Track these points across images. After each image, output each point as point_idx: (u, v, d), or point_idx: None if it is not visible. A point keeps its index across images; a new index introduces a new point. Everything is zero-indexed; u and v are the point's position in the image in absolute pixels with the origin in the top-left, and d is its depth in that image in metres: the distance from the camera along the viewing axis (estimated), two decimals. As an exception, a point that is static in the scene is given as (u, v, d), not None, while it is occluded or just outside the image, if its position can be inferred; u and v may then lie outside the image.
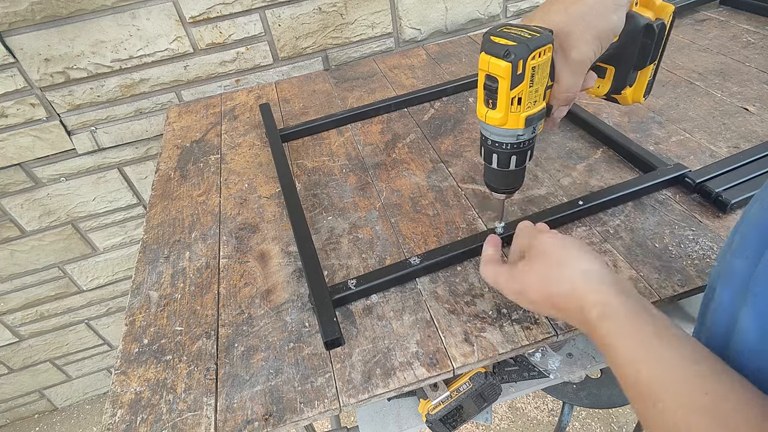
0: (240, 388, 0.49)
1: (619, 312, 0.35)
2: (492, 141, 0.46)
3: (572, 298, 0.39)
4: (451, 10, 1.12)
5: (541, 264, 0.42)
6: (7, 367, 1.42)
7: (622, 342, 0.34)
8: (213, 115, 0.99)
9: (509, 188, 0.51)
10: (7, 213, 1.11)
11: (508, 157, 0.47)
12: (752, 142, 0.68)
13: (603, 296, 0.37)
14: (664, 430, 0.30)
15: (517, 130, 0.44)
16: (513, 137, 0.45)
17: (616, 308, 0.36)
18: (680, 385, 0.30)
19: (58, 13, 0.89)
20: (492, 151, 0.47)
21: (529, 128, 0.44)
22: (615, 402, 0.83)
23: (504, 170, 0.48)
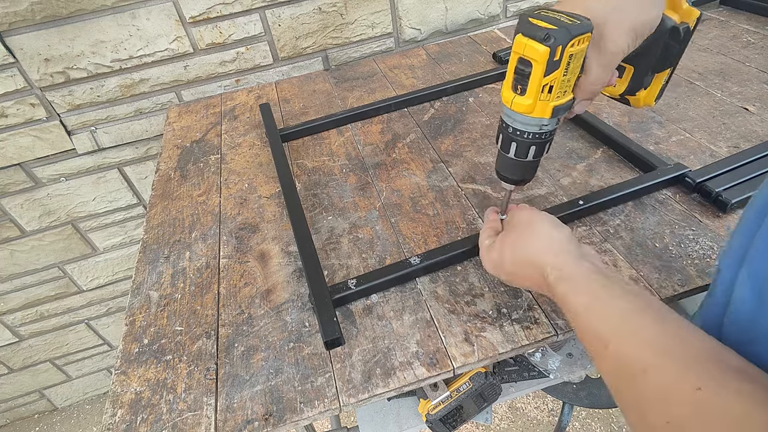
0: (240, 387, 0.49)
1: (574, 273, 0.39)
2: (514, 129, 0.45)
3: (536, 263, 0.43)
4: (451, 10, 1.12)
5: (514, 235, 0.46)
6: (7, 367, 1.42)
7: (577, 298, 0.38)
8: (213, 115, 0.99)
9: (521, 179, 0.50)
10: (7, 213, 1.11)
11: (528, 147, 0.45)
12: (752, 141, 0.68)
13: (561, 260, 0.41)
14: (616, 368, 0.33)
15: (543, 120, 0.43)
16: (537, 127, 0.44)
17: (572, 270, 0.40)
18: (628, 325, 0.33)
19: (58, 13, 0.89)
20: (512, 139, 0.46)
21: (554, 119, 0.43)
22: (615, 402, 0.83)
23: (520, 160, 0.47)
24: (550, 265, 0.41)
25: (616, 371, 0.33)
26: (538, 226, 0.45)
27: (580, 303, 0.37)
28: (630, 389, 0.31)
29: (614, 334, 0.33)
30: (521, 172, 0.49)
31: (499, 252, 0.47)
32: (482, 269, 0.57)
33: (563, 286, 0.39)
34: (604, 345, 0.33)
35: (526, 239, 0.45)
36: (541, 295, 0.53)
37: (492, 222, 0.53)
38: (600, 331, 0.34)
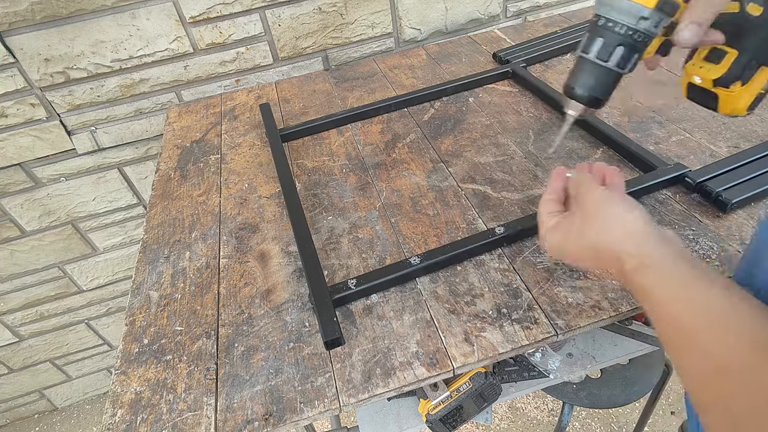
0: (240, 387, 0.49)
1: (658, 261, 0.35)
2: (606, 19, 0.40)
3: (612, 251, 0.38)
4: (451, 10, 1.12)
5: (582, 216, 0.42)
6: (7, 367, 1.42)
7: (661, 289, 0.34)
8: (213, 115, 0.99)
9: (593, 96, 0.44)
10: (7, 213, 1.11)
11: (614, 46, 0.40)
12: (752, 141, 0.68)
13: (642, 248, 0.36)
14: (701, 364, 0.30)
15: (644, 10, 0.38)
16: (635, 18, 0.39)
17: (655, 258, 0.35)
18: (720, 320, 0.30)
19: (58, 13, 0.89)
20: (599, 34, 0.40)
21: (656, 15, 0.38)
22: (615, 402, 0.83)
23: (600, 64, 0.41)
24: (628, 253, 0.37)
25: (700, 367, 0.30)
26: (611, 208, 0.40)
27: (664, 293, 0.34)
28: (717, 387, 0.29)
29: (704, 328, 0.31)
30: (596, 82, 0.42)
31: (563, 235, 0.43)
32: (482, 268, 0.57)
33: (645, 276, 0.35)
34: (690, 339, 0.31)
35: (597, 224, 0.40)
36: (541, 295, 0.53)
37: (556, 191, 0.48)
38: (686, 324, 0.32)
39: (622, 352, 0.69)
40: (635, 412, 1.41)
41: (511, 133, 0.78)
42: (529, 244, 0.59)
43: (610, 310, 0.50)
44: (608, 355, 0.69)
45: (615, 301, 0.51)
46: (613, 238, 0.38)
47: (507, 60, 0.95)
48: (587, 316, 0.50)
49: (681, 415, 1.39)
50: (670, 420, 1.38)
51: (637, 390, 0.85)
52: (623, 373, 0.86)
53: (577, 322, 0.50)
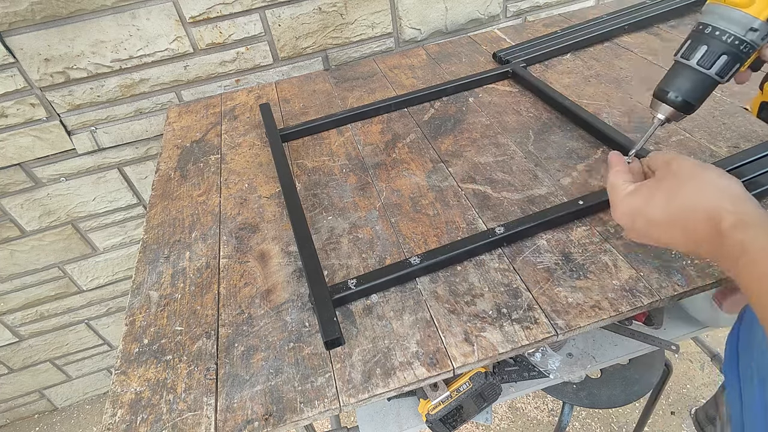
0: (240, 387, 0.49)
1: (760, 222, 0.33)
2: (713, 28, 0.39)
3: (702, 210, 0.37)
4: (451, 10, 1.12)
5: (672, 182, 0.40)
6: (7, 367, 1.42)
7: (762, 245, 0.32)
8: (213, 115, 0.99)
9: (686, 100, 0.43)
10: (7, 213, 1.11)
11: (719, 54, 0.39)
12: (752, 142, 0.68)
13: (741, 207, 0.35)
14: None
15: (755, 21, 0.38)
16: (743, 29, 0.38)
17: (755, 218, 0.34)
18: None
19: (58, 13, 0.89)
20: (703, 41, 0.40)
21: (765, 27, 0.38)
22: (615, 402, 0.83)
23: (701, 71, 0.41)
24: (726, 210, 0.35)
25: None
26: (706, 174, 0.39)
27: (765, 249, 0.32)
28: None
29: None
30: (692, 88, 0.42)
31: (646, 198, 0.41)
32: (482, 268, 0.57)
33: (745, 231, 0.33)
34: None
35: (690, 187, 0.38)
36: (541, 295, 0.53)
37: (621, 165, 0.46)
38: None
39: (622, 352, 0.69)
40: (635, 412, 1.41)
41: (511, 133, 0.78)
42: (529, 244, 0.59)
43: (610, 310, 0.50)
44: (608, 355, 0.69)
45: (615, 301, 0.51)
46: (710, 197, 0.37)
47: (507, 60, 0.95)
48: (587, 316, 0.50)
49: (681, 415, 1.39)
50: (670, 420, 1.38)
51: (637, 390, 0.85)
52: (623, 373, 0.86)
53: (577, 322, 0.50)
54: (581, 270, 0.55)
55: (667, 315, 0.72)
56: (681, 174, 0.40)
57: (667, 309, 0.73)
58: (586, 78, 0.89)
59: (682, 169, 0.40)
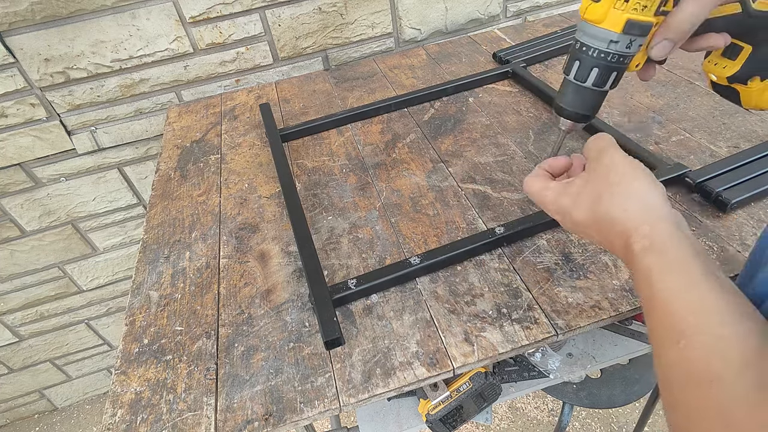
0: (240, 387, 0.49)
1: (668, 248, 0.33)
2: (581, 44, 0.42)
3: (620, 224, 0.36)
4: (451, 10, 1.12)
5: (599, 182, 0.39)
6: (7, 367, 1.42)
7: (664, 277, 0.32)
8: (213, 115, 0.99)
9: (577, 112, 0.45)
10: (7, 213, 1.11)
11: (590, 68, 0.42)
12: (752, 141, 0.68)
13: (654, 230, 0.34)
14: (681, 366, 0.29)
15: (612, 34, 0.40)
16: (604, 42, 0.40)
17: (666, 244, 0.33)
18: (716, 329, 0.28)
19: (58, 13, 0.89)
20: (576, 57, 0.43)
21: (625, 38, 0.40)
22: (615, 402, 0.83)
23: (579, 84, 0.44)
24: (640, 234, 0.35)
25: (679, 368, 0.29)
26: (634, 182, 0.38)
27: (666, 284, 0.32)
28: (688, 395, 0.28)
29: (696, 332, 0.29)
30: (579, 101, 0.44)
31: (573, 199, 0.40)
32: (482, 268, 0.57)
33: (651, 259, 0.33)
34: (677, 339, 0.29)
35: (615, 195, 0.37)
36: (541, 295, 0.53)
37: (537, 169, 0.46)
38: (680, 322, 0.30)
39: (622, 352, 0.69)
40: (635, 412, 1.41)
41: (511, 133, 0.78)
42: (529, 244, 0.59)
43: (610, 310, 0.50)
44: (608, 355, 0.69)
45: (615, 301, 0.51)
46: (629, 214, 0.36)
47: (507, 60, 0.95)
48: (587, 316, 0.50)
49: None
50: (670, 420, 1.37)
51: (637, 390, 0.85)
52: (623, 373, 0.86)
53: (577, 322, 0.50)
54: (581, 270, 0.55)
55: (667, 315, 0.72)
56: (609, 176, 0.39)
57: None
58: (586, 78, 0.89)
59: (612, 169, 0.39)
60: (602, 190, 0.38)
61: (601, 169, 0.39)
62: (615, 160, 0.39)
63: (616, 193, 0.37)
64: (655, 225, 0.35)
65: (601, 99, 0.45)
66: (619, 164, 0.39)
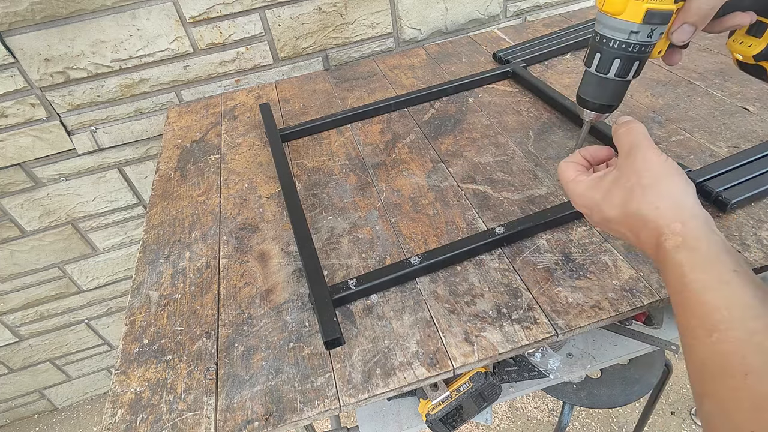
0: (240, 387, 0.49)
1: (701, 246, 0.34)
2: (600, 36, 0.42)
3: (652, 222, 0.36)
4: (451, 10, 1.12)
5: (631, 180, 0.39)
6: (7, 367, 1.42)
7: (696, 274, 0.33)
8: (213, 115, 0.99)
9: (601, 103, 0.45)
10: (7, 213, 1.11)
11: (611, 60, 0.42)
12: (752, 141, 0.68)
13: (686, 227, 0.35)
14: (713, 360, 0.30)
15: (633, 25, 0.39)
16: (625, 33, 0.40)
17: (699, 242, 0.34)
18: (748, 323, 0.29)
19: (58, 13, 0.89)
20: (597, 49, 0.42)
21: (646, 27, 0.39)
22: (615, 402, 0.83)
23: (602, 76, 0.43)
24: (672, 231, 0.35)
25: (712, 361, 0.30)
26: (666, 181, 0.38)
27: (699, 279, 0.32)
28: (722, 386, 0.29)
29: (729, 327, 0.30)
30: (601, 92, 0.44)
31: (604, 195, 0.40)
32: (482, 268, 0.57)
33: (683, 256, 0.34)
34: (710, 333, 0.30)
35: (647, 194, 0.37)
36: (541, 295, 0.53)
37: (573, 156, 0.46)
38: (712, 317, 0.31)
39: (622, 352, 0.69)
40: (635, 412, 1.41)
41: (511, 133, 0.78)
42: (529, 244, 0.59)
43: (610, 310, 0.50)
44: (608, 355, 0.69)
45: (615, 301, 0.51)
46: (662, 212, 0.36)
47: (507, 60, 0.95)
48: (587, 316, 0.50)
49: (681, 415, 1.39)
50: (670, 420, 1.38)
51: (637, 390, 0.85)
52: (623, 373, 0.86)
53: (577, 322, 0.50)
54: (581, 270, 0.55)
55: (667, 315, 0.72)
56: (642, 174, 0.38)
57: (667, 309, 0.73)
58: (586, 78, 0.89)
59: (645, 168, 0.39)
60: (635, 187, 0.38)
61: (634, 166, 0.39)
62: (648, 158, 0.39)
63: (649, 192, 0.37)
64: (687, 223, 0.35)
65: (624, 88, 0.45)
66: (653, 163, 0.39)
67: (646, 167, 0.38)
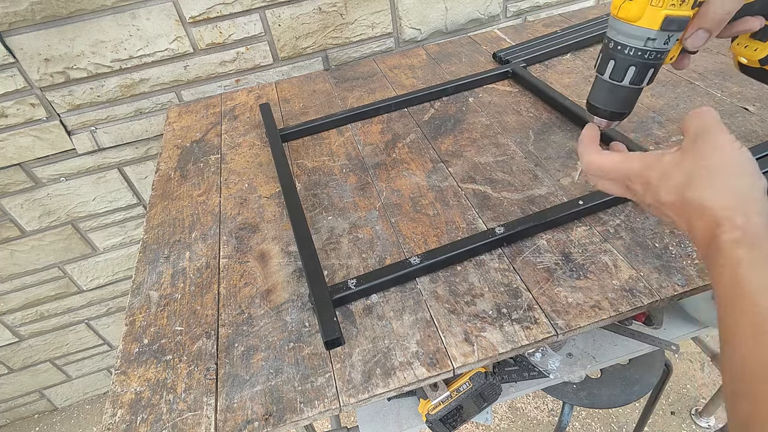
0: (240, 387, 0.49)
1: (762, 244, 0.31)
2: (615, 43, 0.41)
3: (710, 212, 0.33)
4: (451, 10, 1.12)
5: (696, 164, 0.35)
6: (7, 367, 1.42)
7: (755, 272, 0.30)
8: (213, 115, 0.99)
9: (613, 111, 0.44)
10: (7, 213, 1.11)
11: (626, 67, 0.41)
12: (752, 142, 0.68)
13: (749, 222, 0.32)
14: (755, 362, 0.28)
15: (650, 32, 0.39)
16: (641, 40, 0.39)
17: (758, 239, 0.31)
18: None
19: (58, 13, 0.89)
20: (610, 56, 0.41)
21: (663, 34, 0.38)
22: (615, 402, 0.83)
23: (615, 84, 0.42)
24: (733, 225, 0.32)
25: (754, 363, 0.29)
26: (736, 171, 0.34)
27: (755, 280, 0.30)
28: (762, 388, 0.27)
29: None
30: (614, 99, 0.43)
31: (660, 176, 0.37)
32: (482, 268, 0.57)
33: (741, 252, 0.31)
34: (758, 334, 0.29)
35: (712, 182, 0.34)
36: (541, 295, 0.53)
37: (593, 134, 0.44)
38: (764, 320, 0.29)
39: (622, 352, 0.69)
40: (635, 412, 1.41)
41: (511, 133, 0.78)
42: (529, 244, 0.59)
43: (610, 310, 0.50)
44: (608, 355, 0.69)
45: (615, 301, 0.51)
46: (724, 202, 0.33)
47: (507, 60, 0.95)
48: (587, 316, 0.50)
49: (681, 415, 1.39)
50: (670, 420, 1.38)
51: (637, 390, 0.85)
52: (623, 373, 0.86)
53: (577, 322, 0.50)
54: (581, 270, 0.55)
55: (667, 315, 0.72)
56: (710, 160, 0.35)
57: (667, 309, 0.73)
58: (586, 78, 0.89)
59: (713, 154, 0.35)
60: (698, 173, 0.35)
61: (702, 150, 0.36)
62: (719, 143, 0.35)
63: (714, 179, 0.34)
64: (751, 218, 0.32)
65: (637, 95, 0.44)
66: (724, 149, 0.35)
67: (715, 152, 0.35)
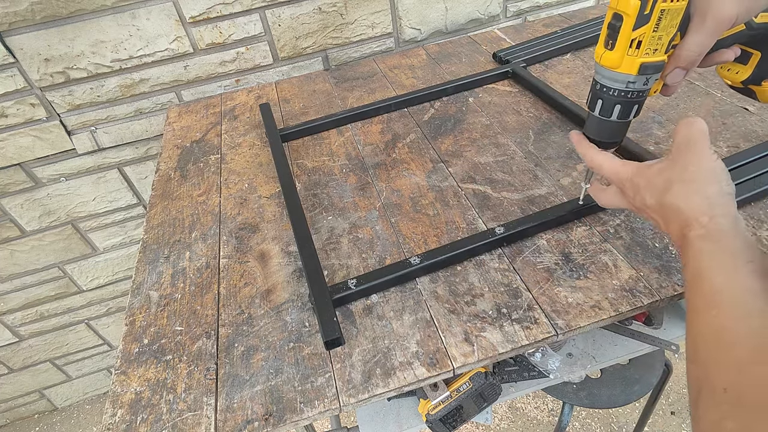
0: (240, 387, 0.49)
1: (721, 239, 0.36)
2: (601, 85, 0.45)
3: (683, 214, 0.39)
4: (451, 10, 1.12)
5: (676, 173, 0.41)
6: (7, 367, 1.42)
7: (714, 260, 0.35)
8: (213, 115, 0.99)
9: (606, 141, 0.49)
10: (7, 213, 1.11)
11: (612, 106, 0.46)
12: (752, 142, 0.68)
13: (712, 222, 0.37)
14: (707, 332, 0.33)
15: (629, 76, 0.43)
16: (623, 83, 0.44)
17: (719, 235, 0.36)
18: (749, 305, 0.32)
19: (58, 13, 0.89)
20: (598, 96, 0.46)
21: (641, 77, 0.43)
22: (615, 402, 0.83)
23: (605, 119, 0.47)
24: (698, 224, 0.38)
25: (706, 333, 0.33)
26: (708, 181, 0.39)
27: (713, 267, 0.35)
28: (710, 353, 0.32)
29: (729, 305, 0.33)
30: (606, 132, 0.49)
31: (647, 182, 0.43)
32: (482, 268, 0.57)
33: (703, 245, 0.36)
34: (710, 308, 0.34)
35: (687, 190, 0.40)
36: (541, 295, 0.53)
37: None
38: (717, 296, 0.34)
39: (622, 352, 0.69)
40: (635, 412, 1.41)
41: (511, 133, 0.78)
42: (529, 244, 0.59)
43: (610, 310, 0.50)
44: (608, 355, 0.69)
45: (615, 301, 0.51)
46: (694, 206, 0.39)
47: (507, 60, 0.95)
48: (587, 316, 0.50)
49: (681, 415, 1.39)
50: (670, 420, 1.38)
51: (637, 390, 0.85)
52: (623, 373, 0.86)
53: (577, 322, 0.50)
54: (581, 270, 0.55)
55: (667, 315, 0.72)
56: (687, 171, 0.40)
57: (667, 309, 0.73)
58: (586, 78, 0.89)
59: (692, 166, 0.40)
60: (677, 182, 0.40)
61: (683, 161, 0.41)
62: (699, 156, 0.40)
63: (690, 187, 0.40)
64: (715, 218, 0.37)
65: (626, 127, 0.49)
66: (701, 162, 0.40)
67: (693, 164, 0.40)
